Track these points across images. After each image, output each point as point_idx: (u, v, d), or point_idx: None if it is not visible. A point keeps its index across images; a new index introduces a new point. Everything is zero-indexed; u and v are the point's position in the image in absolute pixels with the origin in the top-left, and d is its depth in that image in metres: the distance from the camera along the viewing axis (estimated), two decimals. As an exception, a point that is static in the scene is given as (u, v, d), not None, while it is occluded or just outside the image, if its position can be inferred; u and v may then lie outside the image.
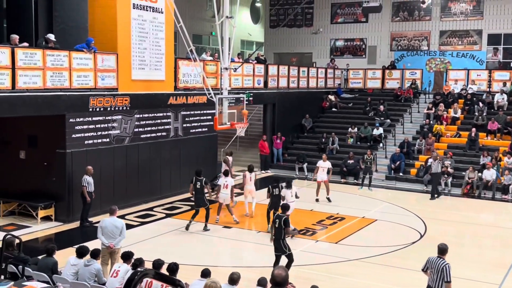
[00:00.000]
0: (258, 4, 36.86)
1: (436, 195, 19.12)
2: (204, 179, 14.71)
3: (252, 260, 12.71)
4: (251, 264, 12.20)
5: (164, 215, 16.22)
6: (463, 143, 22.21)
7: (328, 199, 17.89)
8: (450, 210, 18.22)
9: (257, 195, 16.51)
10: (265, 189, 15.24)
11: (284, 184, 14.43)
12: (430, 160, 19.61)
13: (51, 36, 14.70)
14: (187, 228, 14.49)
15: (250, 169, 16.49)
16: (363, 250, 13.18)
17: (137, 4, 16.43)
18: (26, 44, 14.15)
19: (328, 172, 18.10)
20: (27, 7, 20.35)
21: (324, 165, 18.14)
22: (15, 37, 13.79)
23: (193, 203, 17.34)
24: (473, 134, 21.97)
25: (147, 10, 16.79)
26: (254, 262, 12.51)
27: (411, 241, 14.07)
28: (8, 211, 15.26)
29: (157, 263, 8.25)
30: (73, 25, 15.51)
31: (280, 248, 10.90)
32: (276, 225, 10.93)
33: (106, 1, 16.04)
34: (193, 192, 14.66)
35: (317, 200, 17.98)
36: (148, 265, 8.51)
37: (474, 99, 24.44)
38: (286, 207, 11.28)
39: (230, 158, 17.81)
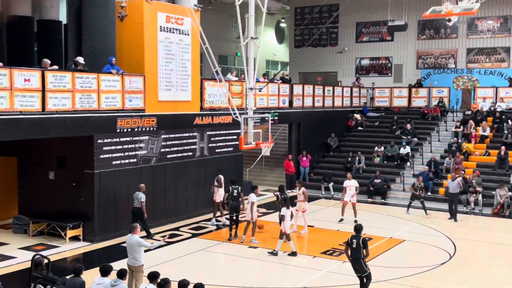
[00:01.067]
0: (282, 25, 37.13)
1: (451, 217, 18.58)
2: (239, 187, 16.11)
3: (277, 280, 12.62)
4: (277, 285, 12.11)
5: (190, 235, 16.26)
6: (493, 162, 21.84)
7: (355, 221, 17.65)
8: (480, 230, 17.86)
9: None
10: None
11: (282, 202, 14.56)
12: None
13: (80, 59, 15.04)
14: (229, 239, 15.60)
15: (301, 184, 17.09)
16: (391, 271, 12.98)
17: (164, 27, 16.71)
18: (56, 67, 14.50)
19: (356, 190, 17.95)
20: (57, 31, 20.99)
21: (350, 184, 17.98)
22: (47, 61, 14.20)
23: (217, 222, 17.43)
24: (502, 153, 21.60)
25: (173, 33, 17.05)
26: (280, 282, 12.42)
27: (440, 262, 13.81)
28: (37, 231, 15.49)
29: (183, 283, 8.26)
30: (102, 48, 15.83)
31: (361, 269, 10.76)
32: (354, 246, 10.71)
33: (134, 24, 16.36)
34: (228, 199, 16.09)
35: (341, 220, 17.79)
36: (174, 285, 8.52)
37: (503, 117, 24.09)
38: (360, 228, 11.04)
39: (222, 177, 17.66)
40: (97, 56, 15.73)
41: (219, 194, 17.28)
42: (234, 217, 15.84)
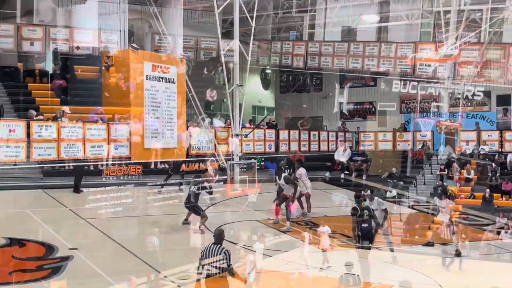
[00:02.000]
0: (268, 71, 37.65)
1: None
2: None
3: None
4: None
5: (176, 285, 15.95)
6: (478, 204, 21.94)
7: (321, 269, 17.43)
8: (470, 274, 17.74)
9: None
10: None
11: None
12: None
13: (66, 109, 15.11)
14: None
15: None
16: (381, 318, 12.82)
17: (150, 76, 16.90)
18: (41, 117, 14.53)
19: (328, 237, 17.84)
20: (44, 81, 21.01)
21: (323, 230, 17.94)
22: (33, 112, 14.28)
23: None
24: (487, 195, 21.74)
25: (159, 81, 17.24)
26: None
27: (430, 307, 13.68)
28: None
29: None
30: (88, 99, 15.94)
31: None
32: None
33: (120, 73, 16.51)
34: None
35: (328, 267, 17.59)
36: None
37: (487, 159, 24.37)
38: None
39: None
40: (83, 105, 15.80)
41: None
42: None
